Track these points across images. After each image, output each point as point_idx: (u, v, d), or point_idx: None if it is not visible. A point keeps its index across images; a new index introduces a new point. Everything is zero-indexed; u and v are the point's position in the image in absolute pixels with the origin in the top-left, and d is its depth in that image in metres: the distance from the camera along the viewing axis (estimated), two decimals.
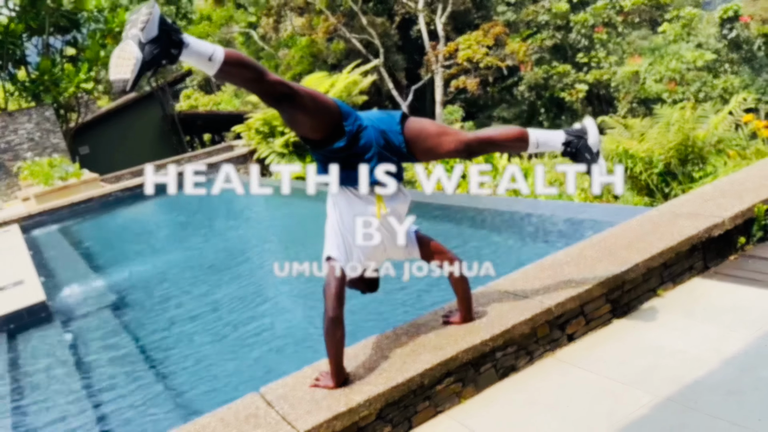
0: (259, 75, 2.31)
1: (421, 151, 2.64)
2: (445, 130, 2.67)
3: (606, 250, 3.34)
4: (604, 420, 2.37)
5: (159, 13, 2.18)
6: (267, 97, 2.39)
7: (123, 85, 2.14)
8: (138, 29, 2.13)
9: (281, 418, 2.42)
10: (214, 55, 2.22)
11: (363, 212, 2.63)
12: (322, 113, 2.46)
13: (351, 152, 2.53)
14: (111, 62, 2.18)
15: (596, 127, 2.74)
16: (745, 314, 2.88)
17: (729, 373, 2.48)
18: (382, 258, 2.82)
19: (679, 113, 6.16)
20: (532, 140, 2.70)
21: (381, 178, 2.58)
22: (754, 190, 3.72)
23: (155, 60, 2.16)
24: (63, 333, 5.36)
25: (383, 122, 2.63)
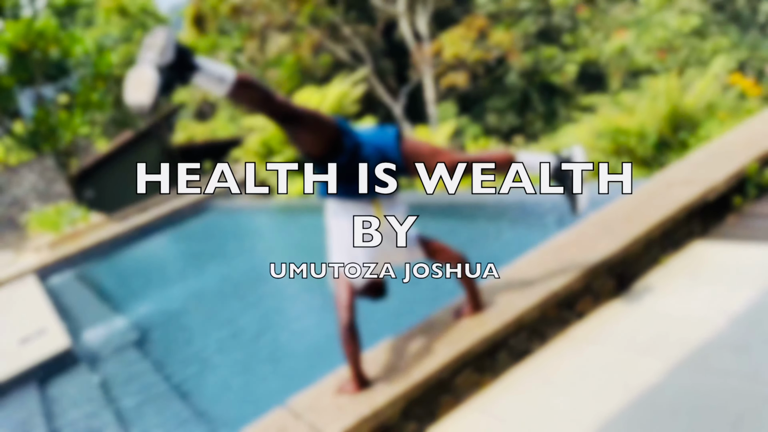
0: (266, 97, 2.42)
1: (414, 169, 2.75)
2: (438, 151, 2.76)
3: (605, 226, 3.42)
4: (621, 390, 2.44)
5: (174, 37, 2.26)
6: (272, 117, 2.50)
7: (141, 108, 2.21)
8: (155, 53, 2.21)
9: (309, 428, 2.51)
10: (225, 77, 2.32)
11: (362, 225, 2.72)
12: (322, 131, 2.56)
13: (351, 168, 2.62)
14: (127, 85, 2.24)
15: (584, 155, 2.82)
16: (747, 272, 2.95)
17: (736, 331, 2.55)
18: (386, 262, 2.91)
19: (665, 83, 6.22)
20: (519, 162, 2.78)
21: (381, 177, 2.68)
22: (743, 149, 3.78)
23: (171, 83, 2.25)
24: (91, 375, 5.47)
25: (378, 138, 2.73)
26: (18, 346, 6.66)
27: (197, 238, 12.85)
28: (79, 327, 7.63)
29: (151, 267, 11.47)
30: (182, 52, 2.26)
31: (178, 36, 2.93)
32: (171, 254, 12.29)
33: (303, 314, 5.46)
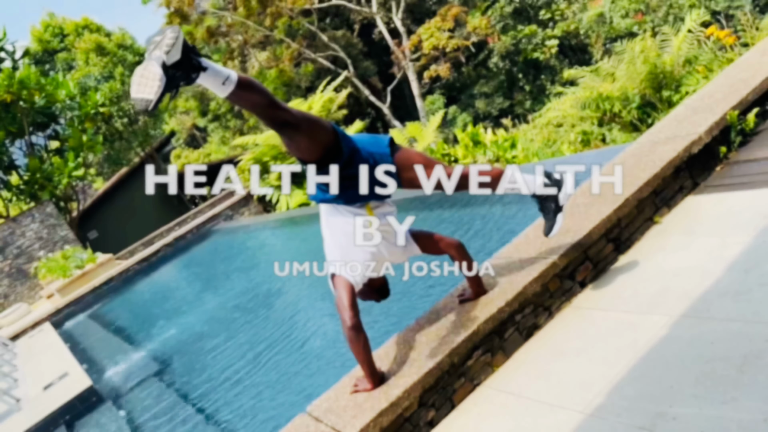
0: (267, 102, 2.43)
1: (405, 179, 2.78)
2: (430, 163, 2.79)
3: (595, 193, 3.44)
4: (629, 349, 2.48)
5: (183, 37, 2.26)
6: (270, 122, 2.51)
7: (146, 104, 2.19)
8: (163, 52, 2.20)
9: (331, 429, 2.55)
10: (229, 78, 2.32)
11: (357, 228, 2.76)
12: (320, 136, 2.59)
13: (346, 174, 2.65)
14: (133, 80, 2.22)
15: (573, 186, 2.88)
16: (740, 218, 2.98)
17: (735, 277, 2.58)
18: (384, 266, 2.96)
19: (640, 44, 6.24)
20: (507, 174, 2.83)
21: (381, 178, 2.72)
22: (723, 99, 3.81)
23: (176, 82, 2.25)
24: (116, 410, 5.52)
25: (372, 145, 2.77)
26: (42, 393, 6.73)
27: (205, 262, 12.92)
28: (99, 366, 7.70)
29: (163, 297, 11.55)
30: (189, 52, 2.26)
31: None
32: (181, 281, 12.36)
33: (319, 321, 5.50)
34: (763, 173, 3.25)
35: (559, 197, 2.85)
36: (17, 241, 19.32)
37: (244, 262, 10.52)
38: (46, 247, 19.51)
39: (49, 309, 14.44)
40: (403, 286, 4.68)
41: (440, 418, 2.67)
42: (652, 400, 2.17)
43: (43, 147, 21.47)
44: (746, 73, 4.05)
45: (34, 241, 19.47)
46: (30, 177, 19.27)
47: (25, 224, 19.46)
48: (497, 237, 4.90)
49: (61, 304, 14.22)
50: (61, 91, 19.97)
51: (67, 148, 20.08)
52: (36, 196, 19.68)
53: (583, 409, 2.30)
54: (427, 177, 2.77)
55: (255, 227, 12.92)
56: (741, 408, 1.95)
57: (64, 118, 21.07)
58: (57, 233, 19.77)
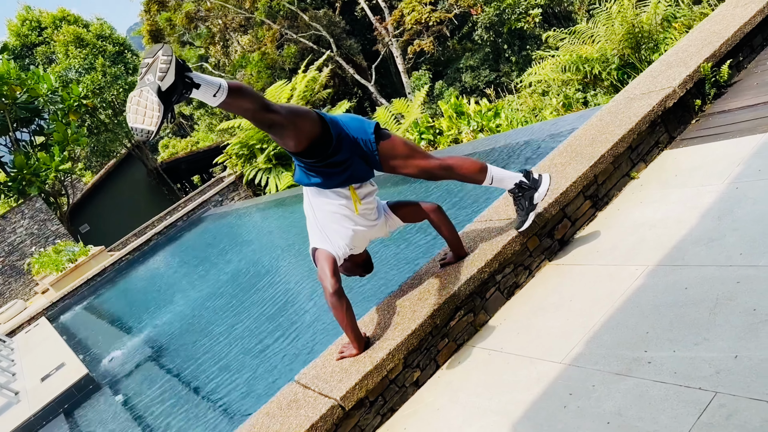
0: (258, 105, 2.39)
1: (388, 165, 2.78)
2: (413, 153, 2.79)
3: (572, 152, 3.47)
4: (607, 300, 2.52)
5: (175, 57, 2.18)
6: (260, 125, 2.49)
7: (147, 135, 2.14)
8: (157, 77, 2.11)
9: (318, 394, 2.59)
10: (221, 88, 2.26)
11: (340, 207, 2.77)
12: (306, 130, 2.56)
13: (334, 161, 2.64)
14: (129, 109, 2.14)
15: (549, 184, 2.90)
16: (713, 167, 3.01)
17: (708, 224, 2.62)
18: (366, 242, 2.98)
19: (617, 5, 6.22)
20: (488, 175, 2.86)
21: (364, 164, 2.73)
22: (696, 52, 3.82)
23: (171, 106, 2.17)
24: (113, 396, 5.57)
25: (358, 130, 2.75)
26: (40, 384, 6.78)
27: (196, 247, 12.93)
28: (95, 355, 7.74)
29: (156, 283, 11.57)
30: (182, 72, 2.19)
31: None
32: (174, 267, 12.37)
33: (311, 301, 5.54)
34: (737, 122, 3.28)
35: (534, 196, 2.88)
36: (8, 238, 19.26)
37: (234, 245, 10.53)
38: (37, 242, 19.46)
39: (44, 303, 14.46)
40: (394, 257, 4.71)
41: (426, 378, 2.72)
42: (629, 347, 2.21)
43: (28, 142, 21.31)
44: (719, 25, 4.05)
45: (25, 237, 19.41)
46: (16, 173, 19.14)
47: (15, 221, 19.39)
48: (482, 203, 4.92)
49: (56, 297, 14.24)
50: (42, 84, 19.77)
51: (52, 142, 19.93)
52: (24, 192, 19.57)
53: (561, 359, 2.34)
54: (409, 168, 2.79)
55: (244, 211, 12.91)
56: (713, 348, 1.99)
57: (48, 112, 20.89)
58: (48, 228, 19.71)
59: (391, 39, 21.52)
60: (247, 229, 11.59)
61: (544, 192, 2.88)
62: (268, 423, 2.61)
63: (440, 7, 21.14)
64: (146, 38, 26.46)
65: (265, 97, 10.63)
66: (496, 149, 5.67)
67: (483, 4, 22.07)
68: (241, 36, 24.47)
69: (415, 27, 20.76)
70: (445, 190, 5.74)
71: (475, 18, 22.44)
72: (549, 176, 2.92)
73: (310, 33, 22.68)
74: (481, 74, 23.54)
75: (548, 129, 5.22)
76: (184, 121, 35.83)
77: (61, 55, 24.72)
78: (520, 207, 2.91)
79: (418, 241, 4.80)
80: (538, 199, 2.88)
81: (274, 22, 22.74)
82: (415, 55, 21.64)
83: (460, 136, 7.87)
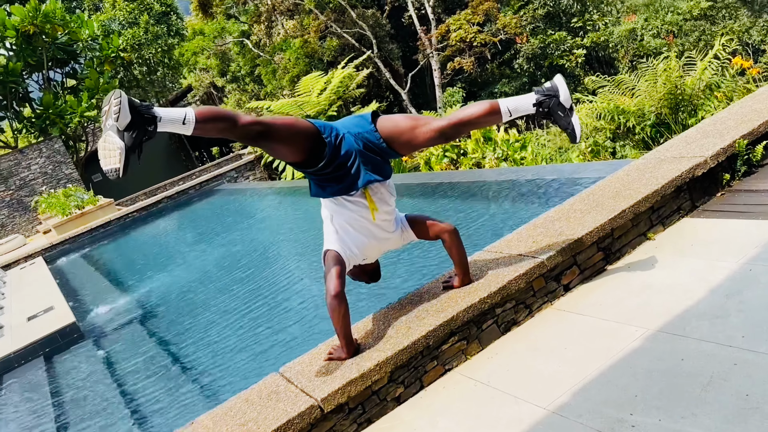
0: (232, 123, 2.46)
1: (400, 146, 2.78)
2: (418, 122, 2.77)
3: (594, 202, 3.47)
4: (602, 356, 2.52)
5: (127, 98, 2.33)
6: (244, 139, 2.55)
7: (116, 174, 2.31)
8: (113, 120, 2.29)
9: (300, 391, 2.60)
10: (186, 118, 2.38)
11: (358, 217, 2.79)
12: (298, 138, 2.60)
13: (336, 164, 2.67)
14: (99, 154, 2.34)
15: (565, 84, 2.80)
16: (730, 244, 3.00)
17: (715, 300, 2.61)
18: (380, 253, 3.00)
19: (664, 63, 6.22)
20: (503, 110, 2.76)
21: (373, 156, 2.73)
22: (735, 127, 3.81)
23: (137, 142, 2.32)
24: (96, 349, 5.60)
25: (357, 126, 2.77)
26: (25, 323, 6.82)
27: (204, 218, 12.99)
28: (85, 305, 7.78)
29: (157, 247, 11.62)
30: (139, 110, 2.32)
31: (128, 97, 2.89)
32: (178, 234, 12.43)
33: (301, 285, 5.56)
34: (762, 204, 3.27)
35: (562, 101, 2.74)
36: (22, 172, 19.40)
37: (241, 222, 10.57)
38: (49, 182, 19.59)
39: (44, 244, 14.55)
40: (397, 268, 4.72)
41: (408, 396, 2.72)
42: (615, 406, 2.21)
43: (59, 83, 21.48)
44: (762, 104, 4.05)
45: (38, 175, 19.55)
46: (42, 111, 19.30)
47: (32, 157, 19.54)
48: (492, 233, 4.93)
49: (56, 240, 14.33)
50: (84, 30, 19.95)
51: (82, 87, 20.09)
52: (46, 131, 19.73)
53: (546, 405, 2.34)
54: (420, 137, 2.74)
55: (256, 192, 12.95)
56: (699, 424, 1.98)
57: (84, 57, 21.07)
58: (62, 171, 19.84)
59: (433, 51, 21.56)
60: (255, 211, 11.62)
61: (567, 90, 2.75)
62: (245, 409, 2.62)
63: (486, 30, 21.16)
64: (194, 4, 26.62)
65: (300, 85, 10.63)
66: (520, 181, 5.68)
67: (529, 34, 22.08)
68: (287, 20, 24.58)
69: (459, 44, 20.76)
70: (462, 218, 5.75)
71: (519, 47, 22.45)
72: (560, 77, 2.80)
73: (355, 30, 22.75)
74: None
75: (573, 172, 5.22)
76: (214, 91, 35.98)
77: (108, 5, 24.92)
78: (557, 119, 2.76)
79: (428, 254, 4.81)
80: (567, 101, 2.74)
81: (322, 13, 22.84)
82: (453, 71, 21.65)
83: (483, 161, 7.88)
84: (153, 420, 3.71)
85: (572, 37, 22.24)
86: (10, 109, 19.61)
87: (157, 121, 2.35)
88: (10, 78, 18.19)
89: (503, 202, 5.58)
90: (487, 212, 5.55)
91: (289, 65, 22.96)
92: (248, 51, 26.55)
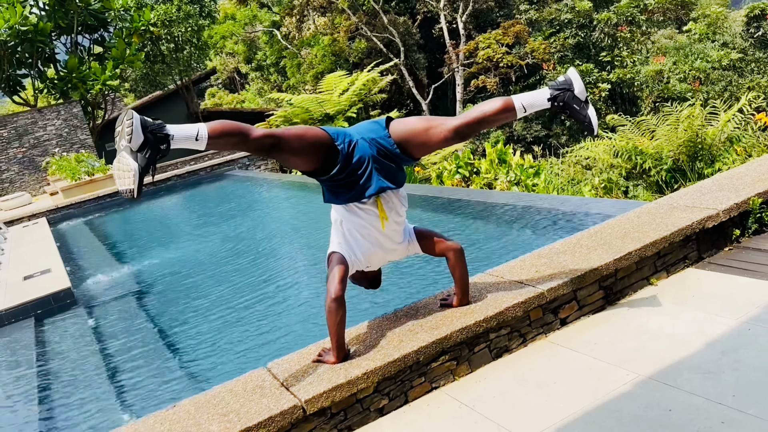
0: (244, 137, 2.48)
1: (415, 148, 2.77)
2: (432, 123, 2.75)
3: (601, 239, 3.47)
4: (589, 396, 2.51)
5: (139, 118, 2.34)
6: (257, 152, 2.57)
7: (131, 194, 2.33)
8: (126, 141, 2.31)
9: (285, 389, 2.60)
10: (199, 134, 2.40)
11: (367, 225, 2.79)
12: (311, 148, 2.61)
13: (349, 170, 2.68)
14: (114, 174, 2.37)
15: (579, 76, 2.75)
16: (732, 301, 2.99)
17: (710, 355, 2.60)
18: (384, 262, 3.00)
19: (688, 110, 6.22)
20: (518, 106, 2.72)
21: (387, 163, 2.73)
22: (751, 183, 3.81)
23: (150, 161, 2.34)
24: (87, 318, 5.60)
25: (372, 131, 2.76)
26: (20, 281, 6.83)
27: (211, 200, 13.02)
28: (82, 272, 7.80)
29: (162, 224, 11.64)
30: (152, 130, 2.34)
31: (142, 117, 2.92)
32: (183, 214, 12.45)
33: (300, 281, 5.56)
34: None
35: (576, 94, 2.70)
36: (37, 132, 19.48)
37: (247, 209, 10.59)
38: (62, 145, 19.66)
39: (49, 205, 14.60)
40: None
41: (391, 409, 2.71)
42: None
43: (86, 49, 21.58)
44: None
45: (53, 136, 19.63)
46: (66, 74, 19.38)
47: (49, 118, 19.62)
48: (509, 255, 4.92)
49: (62, 203, 14.37)
50: (117, 0, 20.08)
51: (108, 56, 20.17)
52: (66, 94, 19.81)
53: None
54: (434, 138, 2.72)
55: (266, 182, 12.96)
56: None
57: (114, 27, 21.17)
58: (77, 135, 19.91)
59: (459, 66, 21.59)
60: (262, 200, 11.64)
61: (581, 82, 2.71)
62: (228, 399, 2.62)
63: (515, 52, 21.19)
64: None
65: (324, 83, 10.67)
66: (529, 208, 5.67)
67: (557, 62, 22.09)
68: (319, 16, 24.68)
69: (485, 63, 20.80)
70: (465, 236, 5.74)
71: (545, 73, 22.46)
72: (573, 70, 2.76)
73: (384, 36, 22.81)
74: (532, 128, 23.52)
75: (584, 206, 5.22)
76: (237, 77, 36.11)
77: None
78: (573, 112, 2.72)
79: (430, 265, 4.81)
80: (582, 94, 2.70)
81: (354, 14, 22.92)
82: (476, 89, 21.67)
83: (495, 182, 7.88)
84: (134, 397, 3.71)
85: (599, 71, 22.24)
86: (35, 67, 19.70)
87: (170, 140, 2.37)
88: (39, 37, 18.27)
89: (509, 226, 5.57)
90: (491, 234, 5.54)
91: (315, 61, 23.04)
92: (276, 42, 26.66)
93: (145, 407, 3.50)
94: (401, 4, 24.42)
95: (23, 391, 4.07)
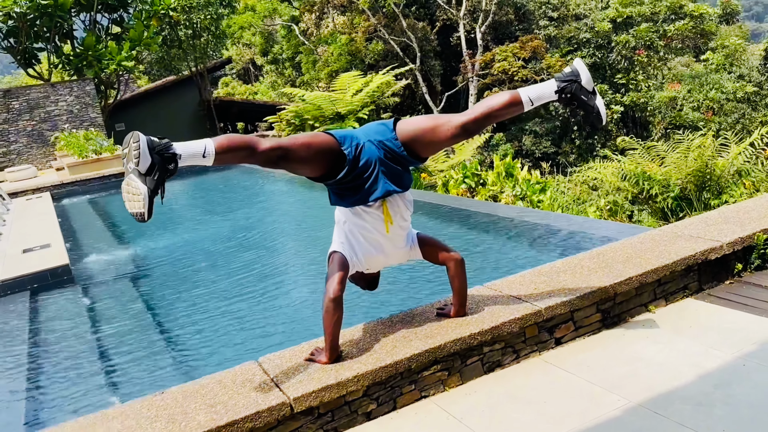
0: (252, 150, 2.46)
1: (422, 148, 2.76)
2: (438, 121, 2.73)
3: (603, 262, 3.46)
4: (578, 418, 2.50)
5: (146, 140, 2.32)
6: (265, 164, 2.56)
7: (141, 216, 2.32)
8: (134, 164, 2.29)
9: (274, 385, 2.59)
10: (206, 151, 2.38)
11: (371, 228, 2.78)
12: (318, 155, 2.60)
13: (355, 173, 2.67)
14: (123, 196, 2.36)
15: (586, 67, 2.71)
16: (729, 335, 2.98)
17: (703, 387, 2.59)
18: (384, 265, 2.99)
19: (700, 140, 6.21)
20: (524, 99, 2.69)
21: (393, 165, 2.72)
22: (757, 219, 3.79)
23: (159, 183, 2.33)
24: (82, 296, 5.60)
25: (379, 133, 2.75)
26: (19, 254, 6.84)
27: (216, 189, 13.03)
28: (81, 250, 7.80)
29: (164, 209, 11.65)
30: (159, 151, 2.32)
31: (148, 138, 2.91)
32: (187, 200, 12.45)
33: (298, 278, 5.56)
34: None
35: (584, 84, 2.66)
36: (48, 106, 19.54)
37: (251, 199, 10.59)
38: (72, 122, 19.72)
39: (54, 180, 14.63)
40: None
41: (379, 414, 2.70)
42: None
43: (104, 28, 21.65)
44: None
45: (63, 112, 19.68)
46: (82, 51, 19.44)
47: (61, 93, 19.67)
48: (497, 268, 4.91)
49: (67, 180, 14.40)
50: None
51: (126, 37, 20.23)
52: (81, 71, 19.86)
53: None
54: (441, 135, 2.69)
55: (273, 176, 12.96)
56: None
57: (134, 8, 21.24)
58: (87, 113, 19.96)
59: (474, 76, 21.59)
60: (266, 192, 11.65)
61: (588, 73, 2.67)
62: (217, 390, 2.61)
63: (530, 67, 21.20)
64: None
65: (337, 82, 10.67)
66: (532, 224, 5.66)
67: None
68: (338, 15, 24.72)
69: (500, 75, 20.81)
70: (465, 247, 5.73)
71: None
72: (579, 61, 2.72)
73: (402, 39, 22.82)
74: (542, 143, 23.51)
75: (587, 227, 5.21)
76: (252, 69, 36.17)
77: None
78: (581, 103, 2.67)
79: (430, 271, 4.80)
80: (589, 84, 2.66)
81: (374, 16, 22.94)
82: None
83: (501, 195, 7.87)
84: (123, 381, 3.71)
85: (613, 92, 22.23)
86: (52, 42, 19.76)
87: (177, 159, 2.35)
88: (58, 12, 18.32)
89: (511, 240, 5.56)
90: (492, 247, 5.54)
91: (331, 59, 23.06)
92: (294, 36, 26.69)
93: (132, 392, 3.49)
94: (421, 10, 24.43)
95: (10, 368, 4.06)
